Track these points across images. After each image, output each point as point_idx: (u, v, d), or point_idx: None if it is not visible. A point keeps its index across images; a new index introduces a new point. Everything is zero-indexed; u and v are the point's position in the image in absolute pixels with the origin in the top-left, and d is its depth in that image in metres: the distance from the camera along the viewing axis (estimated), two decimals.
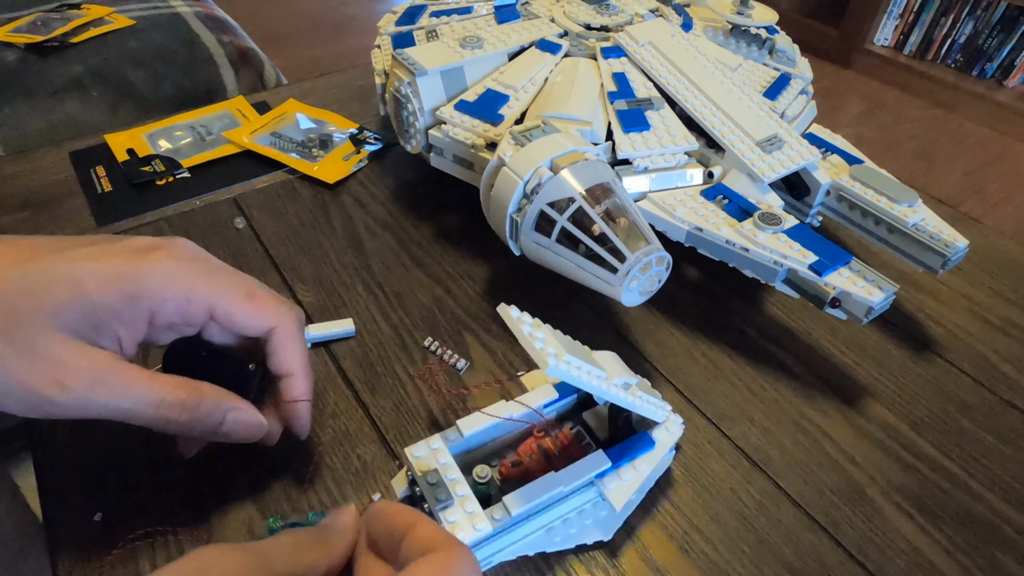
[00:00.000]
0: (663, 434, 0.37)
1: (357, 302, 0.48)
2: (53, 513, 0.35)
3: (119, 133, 0.63)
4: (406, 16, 0.59)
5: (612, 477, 0.35)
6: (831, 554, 0.35)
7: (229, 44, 0.97)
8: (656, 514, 0.37)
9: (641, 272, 0.38)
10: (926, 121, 2.20)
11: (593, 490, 0.35)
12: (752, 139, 0.47)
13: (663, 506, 0.37)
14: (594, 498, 0.35)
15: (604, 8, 0.58)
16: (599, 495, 0.35)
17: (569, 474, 0.33)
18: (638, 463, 0.35)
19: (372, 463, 0.38)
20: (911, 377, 0.45)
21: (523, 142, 0.42)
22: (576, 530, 0.34)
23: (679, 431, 0.37)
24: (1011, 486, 0.39)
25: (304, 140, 0.63)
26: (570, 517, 0.35)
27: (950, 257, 0.44)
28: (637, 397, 0.35)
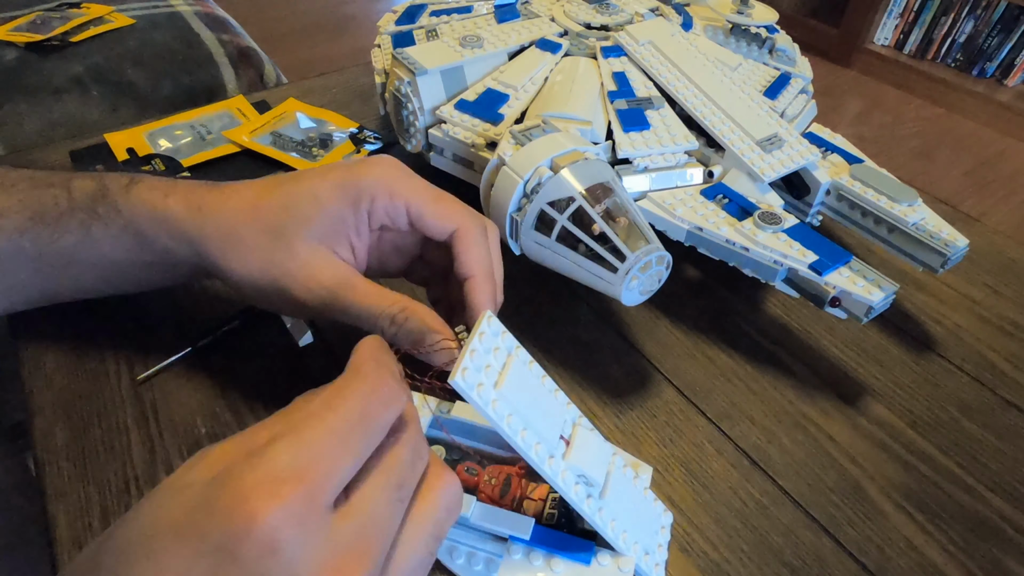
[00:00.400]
0: (608, 563, 0.31)
1: None
2: (53, 514, 0.35)
3: (119, 132, 0.63)
4: (406, 15, 0.59)
5: (520, 551, 0.31)
6: (831, 554, 0.35)
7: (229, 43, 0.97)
8: None
9: (641, 271, 0.38)
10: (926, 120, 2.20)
11: (500, 547, 0.31)
12: (752, 138, 0.47)
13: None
14: (493, 555, 0.31)
15: (604, 7, 0.58)
16: (499, 556, 0.31)
17: (488, 512, 0.30)
18: (556, 563, 0.31)
19: None
20: (911, 376, 0.45)
21: (523, 141, 0.42)
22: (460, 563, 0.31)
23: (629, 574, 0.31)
24: (1011, 485, 0.39)
25: (304, 139, 0.63)
26: (460, 548, 0.31)
27: (950, 256, 0.44)
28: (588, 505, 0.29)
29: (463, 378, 0.26)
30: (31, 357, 0.43)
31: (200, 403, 0.41)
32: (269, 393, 0.41)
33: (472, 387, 0.26)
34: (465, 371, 0.26)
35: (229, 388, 0.41)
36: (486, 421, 0.27)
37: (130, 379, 0.42)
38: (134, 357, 0.43)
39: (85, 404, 0.40)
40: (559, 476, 0.28)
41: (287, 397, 0.41)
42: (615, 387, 0.43)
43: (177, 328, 0.45)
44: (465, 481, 0.32)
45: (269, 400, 0.41)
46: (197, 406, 0.40)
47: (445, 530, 0.26)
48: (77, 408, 0.40)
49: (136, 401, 0.40)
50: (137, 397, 0.41)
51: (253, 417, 0.40)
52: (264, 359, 0.43)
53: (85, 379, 0.42)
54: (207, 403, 0.41)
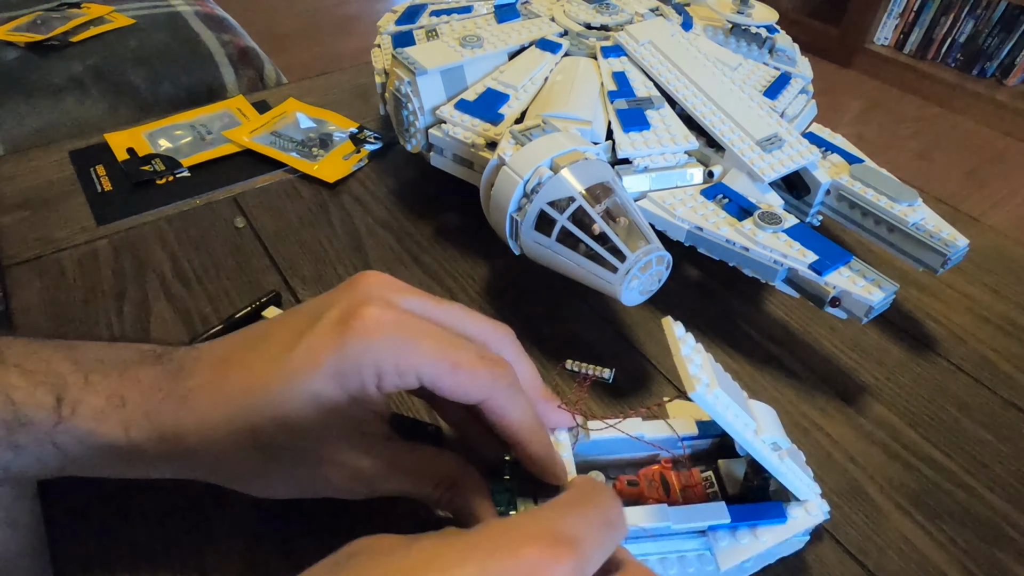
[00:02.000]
0: (800, 513, 0.33)
1: None
2: (53, 512, 0.35)
3: (119, 132, 0.63)
4: (406, 15, 0.59)
5: (726, 535, 0.32)
6: (831, 554, 0.35)
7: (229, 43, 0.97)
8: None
9: (641, 271, 0.38)
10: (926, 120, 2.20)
11: (702, 542, 0.32)
12: (752, 138, 0.47)
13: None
14: (701, 550, 0.32)
15: (604, 7, 0.58)
16: (708, 549, 0.32)
17: (682, 513, 0.31)
18: (760, 532, 0.32)
19: None
20: (911, 376, 0.45)
21: (523, 141, 0.42)
22: (675, 572, 0.32)
23: (821, 517, 0.33)
24: (1011, 485, 0.39)
25: (304, 139, 0.63)
26: (669, 558, 0.32)
27: (950, 256, 0.44)
28: (783, 463, 0.32)
29: (704, 394, 0.27)
30: None
31: None
32: None
33: (705, 396, 0.28)
34: (697, 381, 0.27)
35: None
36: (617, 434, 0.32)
37: None
38: None
39: None
40: (764, 449, 0.31)
41: None
42: (615, 387, 0.43)
43: (175, 328, 0.45)
44: (631, 494, 0.33)
45: None
46: None
47: None
48: None
49: None
50: None
51: None
52: None
53: None
54: None
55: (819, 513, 0.33)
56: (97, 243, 0.51)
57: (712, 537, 0.32)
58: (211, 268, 0.50)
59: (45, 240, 0.51)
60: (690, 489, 0.33)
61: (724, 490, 0.34)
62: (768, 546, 0.32)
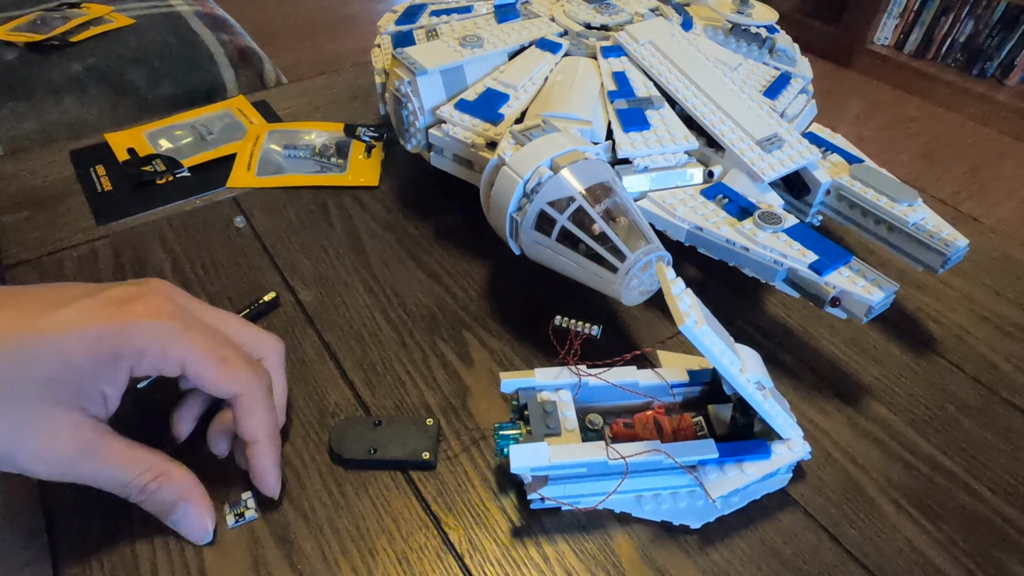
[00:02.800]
0: (783, 450, 0.36)
1: (357, 301, 0.48)
2: (53, 513, 0.35)
3: (120, 132, 0.63)
4: (406, 15, 0.59)
5: (715, 469, 0.35)
6: (831, 554, 0.35)
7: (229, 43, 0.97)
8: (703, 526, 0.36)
9: (641, 271, 0.38)
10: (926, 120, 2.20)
11: (692, 478, 0.35)
12: (752, 138, 0.47)
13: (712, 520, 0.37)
14: (692, 486, 0.35)
15: (604, 7, 0.58)
16: (698, 484, 0.35)
17: (673, 448, 0.34)
18: (746, 466, 0.35)
19: None
20: (911, 376, 0.45)
21: (523, 141, 0.42)
22: (668, 507, 0.35)
23: (802, 454, 0.36)
24: (1011, 485, 0.39)
25: (320, 148, 0.62)
26: (663, 494, 0.36)
27: (950, 256, 0.44)
28: (766, 401, 0.34)
29: (692, 326, 0.30)
30: None
31: None
32: None
33: (693, 329, 0.30)
34: (687, 316, 0.30)
35: None
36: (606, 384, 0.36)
37: None
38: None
39: None
40: (748, 386, 0.33)
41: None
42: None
43: None
44: (626, 434, 0.36)
45: None
46: None
47: None
48: None
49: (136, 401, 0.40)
50: (137, 397, 0.41)
51: None
52: None
53: None
54: None
55: (801, 450, 0.36)
56: (97, 243, 0.51)
57: (702, 472, 0.35)
58: (211, 268, 0.50)
59: (45, 240, 0.51)
60: (681, 432, 0.36)
61: (713, 432, 0.37)
62: (754, 479, 0.35)
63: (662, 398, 0.38)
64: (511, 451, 0.33)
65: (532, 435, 0.35)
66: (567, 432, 0.35)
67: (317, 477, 0.37)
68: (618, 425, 0.36)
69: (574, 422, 0.35)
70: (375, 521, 0.35)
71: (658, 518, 0.35)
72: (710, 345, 0.31)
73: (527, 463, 0.33)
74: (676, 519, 0.35)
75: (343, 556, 0.34)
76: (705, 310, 0.34)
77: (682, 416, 0.37)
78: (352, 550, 0.34)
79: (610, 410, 0.38)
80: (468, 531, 0.35)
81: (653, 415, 0.36)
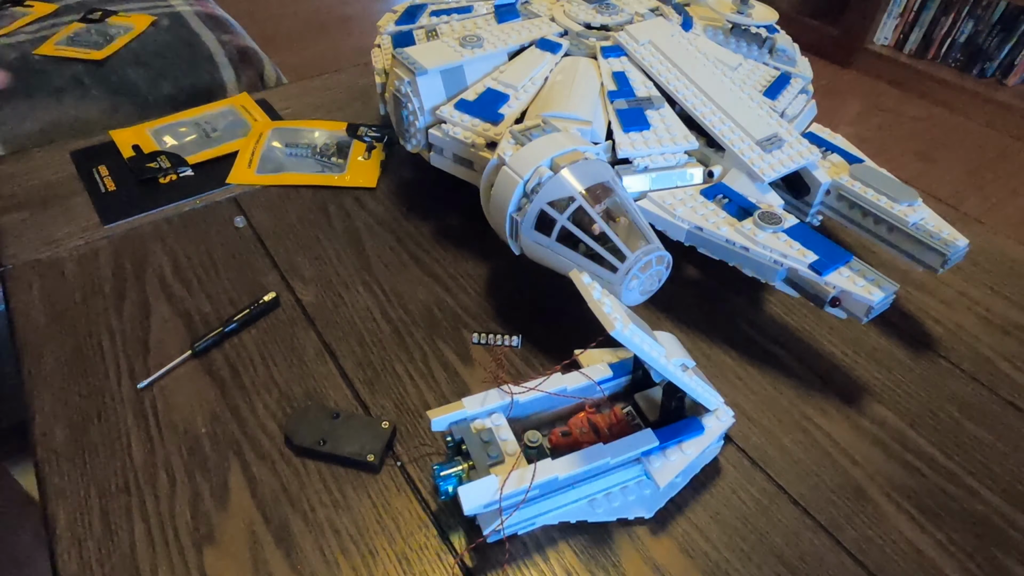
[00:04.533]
0: (713, 422, 0.37)
1: (357, 301, 0.48)
2: (53, 514, 0.35)
3: (124, 129, 0.63)
4: (406, 15, 0.59)
5: (658, 456, 0.35)
6: (831, 554, 0.35)
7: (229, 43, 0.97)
8: (656, 513, 0.37)
9: (641, 271, 0.38)
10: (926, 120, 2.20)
11: (638, 468, 0.36)
12: (752, 138, 0.47)
13: (663, 505, 0.37)
14: (639, 476, 0.36)
15: (604, 7, 0.58)
16: (644, 473, 0.36)
17: (617, 447, 0.34)
18: (685, 446, 0.36)
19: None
20: (911, 376, 0.45)
21: (523, 141, 0.42)
22: (619, 504, 0.36)
23: (729, 421, 0.37)
24: (1011, 485, 0.39)
25: (321, 147, 0.62)
26: (613, 492, 0.36)
27: (950, 256, 0.44)
28: (692, 379, 0.35)
29: (621, 330, 0.30)
30: (31, 357, 0.43)
31: (200, 403, 0.41)
32: (270, 393, 0.41)
33: (623, 332, 0.30)
34: (616, 321, 0.30)
35: (229, 388, 0.41)
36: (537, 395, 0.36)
37: (130, 380, 0.42)
38: (133, 357, 0.43)
39: (85, 404, 0.40)
40: (676, 371, 0.34)
41: (289, 396, 0.41)
42: None
43: (175, 329, 0.45)
44: (566, 443, 0.36)
45: (270, 400, 0.41)
46: (197, 406, 0.40)
47: None
48: (77, 408, 0.40)
49: (136, 401, 0.40)
50: (137, 397, 0.41)
51: (254, 417, 0.40)
52: (265, 360, 0.43)
53: (85, 379, 0.42)
54: (207, 403, 0.41)
55: (727, 418, 0.37)
56: (97, 243, 0.51)
57: (646, 462, 0.36)
58: (211, 268, 0.50)
59: (45, 240, 0.51)
60: (616, 426, 0.36)
61: (645, 419, 0.38)
62: (694, 457, 0.36)
63: (591, 395, 0.38)
64: (460, 493, 0.31)
65: (476, 469, 0.33)
66: (509, 457, 0.34)
67: (317, 477, 0.37)
68: (556, 435, 0.36)
69: (514, 444, 0.34)
70: (375, 521, 0.35)
71: (613, 517, 0.35)
72: (640, 343, 0.31)
73: (479, 501, 0.31)
74: (630, 514, 0.36)
75: (343, 556, 0.34)
76: (624, 308, 0.34)
77: (612, 410, 0.37)
78: (352, 550, 0.34)
79: (544, 419, 0.38)
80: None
81: (586, 417, 0.36)
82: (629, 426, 0.37)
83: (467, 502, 0.31)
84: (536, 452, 0.35)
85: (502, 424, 0.35)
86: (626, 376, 0.39)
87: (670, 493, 0.36)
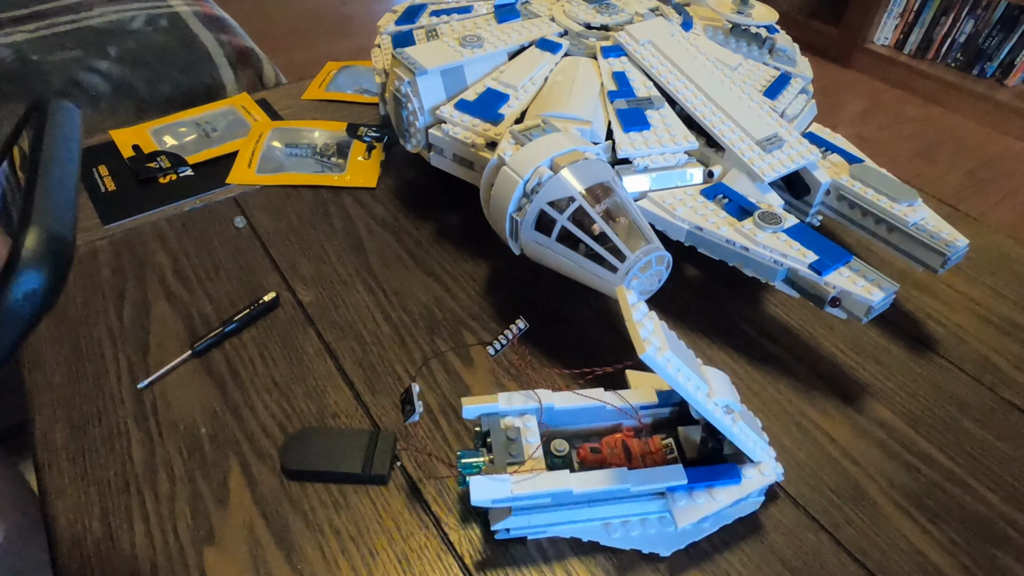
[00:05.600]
0: (754, 474, 0.34)
1: (357, 301, 0.48)
2: (53, 512, 0.35)
3: (124, 129, 0.63)
4: (406, 15, 0.59)
5: (684, 496, 0.34)
6: (831, 554, 0.35)
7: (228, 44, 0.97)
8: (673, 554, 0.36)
9: (641, 271, 0.38)
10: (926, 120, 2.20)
11: (662, 503, 0.34)
12: (752, 138, 0.47)
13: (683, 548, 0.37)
14: (662, 512, 0.34)
15: (604, 7, 0.58)
16: (667, 511, 0.34)
17: (641, 476, 0.32)
18: (716, 492, 0.34)
19: None
20: (911, 376, 0.45)
21: (523, 141, 0.42)
22: (637, 534, 0.34)
23: (774, 477, 0.34)
24: (1011, 485, 0.39)
25: (321, 148, 0.62)
26: (632, 521, 0.34)
27: (950, 256, 0.44)
28: (736, 424, 0.33)
29: (653, 355, 0.29)
30: (31, 357, 0.43)
31: (200, 403, 0.41)
32: (270, 393, 0.41)
33: (654, 357, 0.29)
34: (647, 344, 0.29)
35: (229, 388, 0.41)
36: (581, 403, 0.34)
37: (130, 380, 0.42)
38: (133, 357, 0.43)
39: (85, 404, 0.40)
40: (716, 411, 0.32)
41: (289, 396, 0.41)
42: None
43: (175, 328, 0.45)
44: (594, 460, 0.34)
45: (270, 400, 0.41)
46: (197, 406, 0.40)
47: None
48: (77, 408, 0.40)
49: (136, 401, 0.40)
50: (137, 397, 0.41)
51: (254, 417, 0.40)
52: (264, 359, 0.43)
53: (85, 379, 0.42)
54: (207, 403, 0.41)
55: (772, 473, 0.34)
56: (97, 243, 0.51)
57: (671, 499, 0.34)
58: (211, 268, 0.50)
59: None
60: (650, 455, 0.35)
61: (684, 455, 0.36)
62: (723, 505, 0.34)
63: (630, 421, 0.36)
64: (471, 483, 0.31)
65: (495, 464, 0.33)
66: (531, 460, 0.33)
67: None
68: (585, 450, 0.35)
69: (539, 449, 0.34)
70: (375, 521, 0.35)
71: (627, 546, 0.34)
72: (673, 372, 0.30)
73: (488, 496, 0.31)
74: (646, 547, 0.34)
75: (343, 556, 0.34)
76: (670, 334, 0.32)
77: (651, 439, 0.35)
78: (352, 550, 0.34)
79: (577, 433, 0.36)
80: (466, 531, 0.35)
81: (622, 438, 0.35)
82: (664, 459, 0.35)
83: (476, 493, 0.31)
84: (561, 462, 0.34)
85: (532, 427, 0.34)
86: (672, 407, 0.37)
87: (695, 537, 0.35)
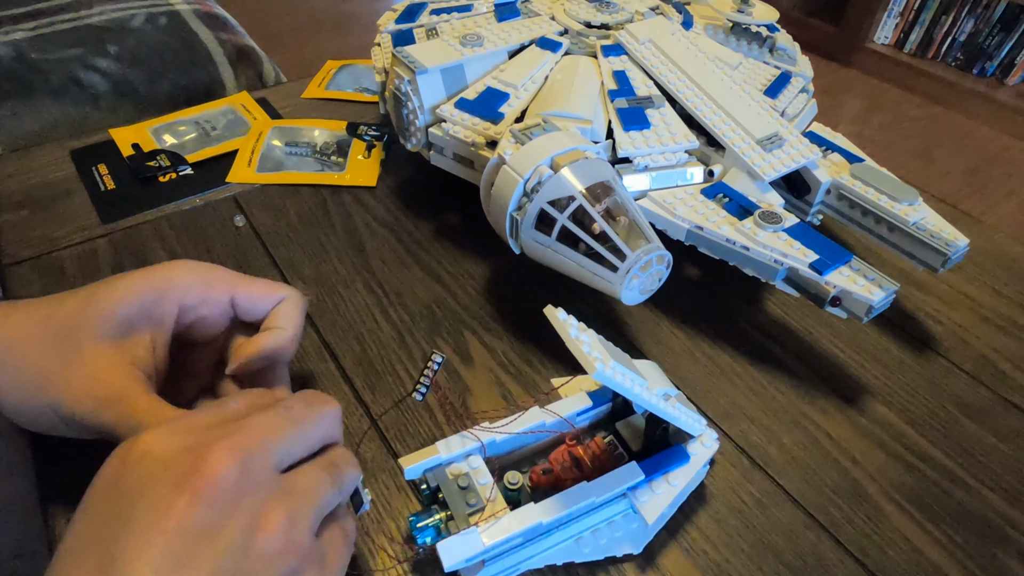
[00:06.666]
0: (698, 448, 0.35)
1: (357, 301, 0.48)
2: (53, 513, 0.35)
3: (124, 128, 0.63)
4: (406, 14, 0.59)
5: (645, 490, 0.34)
6: (831, 553, 0.35)
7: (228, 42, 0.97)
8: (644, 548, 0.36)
9: (641, 271, 0.38)
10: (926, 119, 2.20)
11: (625, 502, 0.34)
12: (752, 137, 0.47)
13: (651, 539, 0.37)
14: (625, 510, 0.34)
15: (604, 6, 0.58)
16: (631, 507, 0.34)
17: (601, 485, 0.32)
18: (672, 476, 0.34)
19: (372, 462, 0.38)
20: (911, 376, 0.45)
21: (523, 140, 0.42)
22: (606, 541, 0.34)
23: (714, 446, 0.36)
24: (1011, 485, 0.39)
25: (321, 147, 0.62)
26: (600, 528, 0.34)
27: (950, 256, 0.44)
28: (675, 408, 0.34)
29: (603, 370, 0.29)
30: None
31: None
32: None
33: (605, 372, 0.29)
34: (596, 361, 0.29)
35: None
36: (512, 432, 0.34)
37: None
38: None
39: None
40: (659, 403, 0.33)
41: None
42: None
43: None
44: (548, 481, 0.34)
45: None
46: None
47: None
48: None
49: None
50: None
51: None
52: None
53: None
54: None
55: (712, 443, 0.36)
56: (97, 242, 0.51)
57: (632, 496, 0.34)
58: None
59: (45, 239, 0.51)
60: (599, 458, 0.35)
61: (628, 448, 0.36)
62: (682, 487, 0.34)
63: (569, 428, 0.36)
64: (439, 549, 0.30)
65: (455, 519, 0.31)
66: (490, 504, 0.32)
67: None
68: (537, 474, 0.34)
69: (494, 489, 0.32)
70: (375, 521, 0.35)
71: (601, 556, 0.34)
72: (622, 381, 0.30)
73: (461, 556, 0.30)
74: (618, 551, 0.34)
75: None
76: (602, 340, 0.32)
77: (593, 440, 0.35)
78: None
79: (524, 455, 0.36)
80: None
81: (567, 450, 0.35)
82: (612, 457, 0.35)
83: (447, 558, 0.29)
84: (517, 494, 0.33)
85: (479, 467, 0.33)
86: (606, 404, 0.37)
87: (659, 526, 0.35)
